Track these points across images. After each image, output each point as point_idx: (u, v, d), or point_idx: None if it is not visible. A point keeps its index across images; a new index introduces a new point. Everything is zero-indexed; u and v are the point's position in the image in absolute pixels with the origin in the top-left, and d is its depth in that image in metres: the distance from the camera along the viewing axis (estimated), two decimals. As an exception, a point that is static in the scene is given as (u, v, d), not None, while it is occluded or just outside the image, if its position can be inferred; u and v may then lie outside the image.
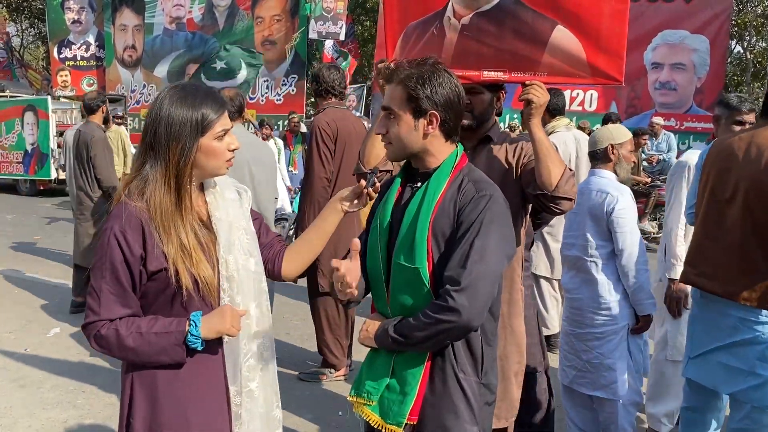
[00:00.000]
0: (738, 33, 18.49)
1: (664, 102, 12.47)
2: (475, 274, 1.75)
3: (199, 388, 1.78)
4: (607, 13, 2.44)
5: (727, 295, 2.73)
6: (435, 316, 1.76)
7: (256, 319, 1.84)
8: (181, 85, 1.80)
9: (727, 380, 2.82)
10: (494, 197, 1.84)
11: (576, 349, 3.21)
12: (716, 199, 2.80)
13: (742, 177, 2.68)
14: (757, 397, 2.73)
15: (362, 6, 22.58)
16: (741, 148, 2.72)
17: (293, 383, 4.41)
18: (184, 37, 16.21)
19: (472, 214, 1.81)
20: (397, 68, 1.93)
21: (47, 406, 4.00)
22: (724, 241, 2.75)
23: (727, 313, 2.78)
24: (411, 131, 1.89)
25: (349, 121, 4.41)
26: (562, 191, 2.38)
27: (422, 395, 1.87)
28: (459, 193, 1.87)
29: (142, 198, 1.72)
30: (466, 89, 2.46)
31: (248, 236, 1.88)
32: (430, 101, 1.88)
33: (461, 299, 1.73)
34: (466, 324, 1.76)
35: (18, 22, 27.09)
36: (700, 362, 2.92)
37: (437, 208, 1.85)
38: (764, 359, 2.71)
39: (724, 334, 2.80)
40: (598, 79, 2.53)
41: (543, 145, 2.40)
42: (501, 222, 1.84)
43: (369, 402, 1.92)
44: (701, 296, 2.93)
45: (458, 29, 2.60)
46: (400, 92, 1.89)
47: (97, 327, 1.72)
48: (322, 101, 4.46)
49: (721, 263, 2.76)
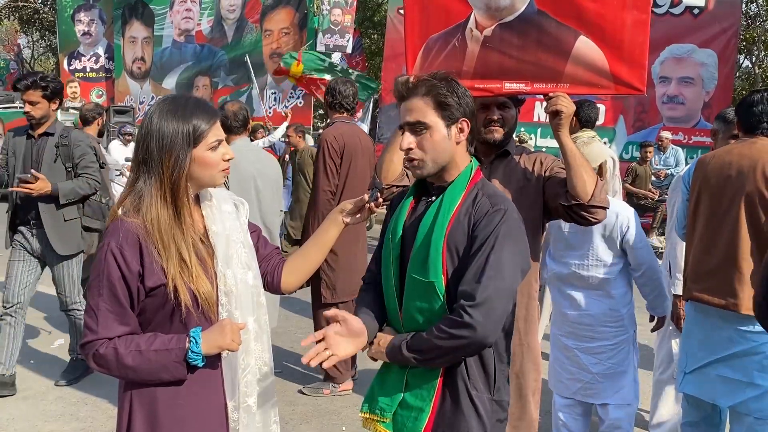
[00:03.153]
0: (746, 47, 18.43)
1: (672, 116, 12.41)
2: (490, 290, 1.74)
3: (199, 405, 1.76)
4: (629, 24, 2.46)
5: (730, 306, 2.75)
6: (449, 331, 1.75)
7: (255, 333, 1.83)
8: (170, 97, 1.79)
9: (727, 393, 2.82)
10: (509, 212, 1.83)
11: (582, 364, 3.17)
12: (712, 213, 2.85)
13: (738, 189, 2.76)
14: (757, 408, 2.74)
15: (370, 19, 22.68)
16: (733, 162, 2.81)
17: (296, 397, 4.38)
18: (192, 50, 16.29)
19: (487, 228, 1.80)
20: (418, 83, 1.91)
21: (50, 418, 3.99)
22: (723, 254, 2.80)
23: (722, 326, 2.82)
24: (444, 140, 1.88)
25: (357, 136, 4.44)
26: (598, 200, 2.39)
27: (435, 412, 1.85)
28: (474, 206, 1.85)
29: (138, 214, 1.70)
30: (499, 104, 2.53)
31: (246, 249, 1.86)
32: (460, 108, 1.89)
33: (476, 315, 1.72)
34: (481, 340, 1.75)
35: (29, 34, 27.34)
36: (697, 377, 2.94)
37: (452, 222, 1.84)
38: (763, 369, 2.73)
39: (720, 347, 2.83)
40: (620, 89, 2.53)
41: (575, 155, 2.40)
42: (516, 237, 1.83)
43: (383, 419, 1.91)
44: (695, 310, 2.96)
45: (480, 41, 2.60)
46: (430, 103, 1.87)
47: (95, 346, 1.69)
48: (333, 114, 4.51)
49: (721, 277, 2.79)
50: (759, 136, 2.82)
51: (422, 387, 1.86)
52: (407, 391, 1.89)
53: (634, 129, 12.62)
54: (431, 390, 1.85)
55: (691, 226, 3.00)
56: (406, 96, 1.92)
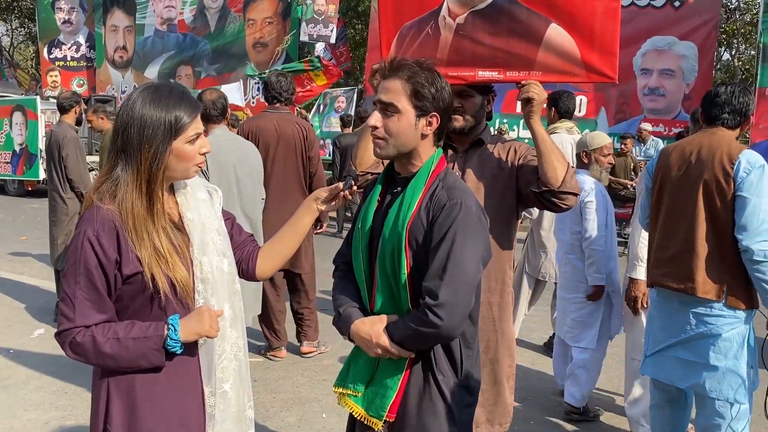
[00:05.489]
0: (726, 40, 18.61)
1: (653, 108, 12.50)
2: (452, 287, 1.78)
3: (177, 392, 1.77)
4: (600, 11, 2.46)
5: (688, 290, 2.85)
6: (415, 327, 1.82)
7: (230, 320, 1.83)
8: (154, 85, 1.75)
9: (684, 375, 2.93)
10: (466, 204, 1.85)
11: (565, 310, 4.15)
12: (674, 201, 2.95)
13: (697, 175, 2.85)
14: (716, 389, 2.83)
15: (354, 9, 22.58)
16: (693, 151, 2.92)
17: (277, 385, 4.41)
18: (175, 39, 16.13)
19: (445, 222, 1.83)
20: (402, 63, 1.91)
21: (29, 407, 3.99)
22: (682, 240, 2.89)
23: (680, 310, 2.92)
24: (411, 128, 1.89)
25: (274, 124, 4.75)
26: (569, 186, 2.41)
27: (401, 394, 1.92)
28: (432, 200, 1.88)
29: (113, 201, 1.68)
30: (457, 92, 2.46)
31: (221, 236, 1.85)
32: (435, 102, 1.89)
33: (441, 313, 1.78)
34: (446, 336, 1.84)
35: (8, 21, 26.94)
36: (657, 359, 3.04)
37: (413, 217, 1.87)
38: (719, 351, 2.82)
39: (678, 330, 2.93)
40: (592, 77, 2.53)
41: (546, 142, 2.41)
42: (474, 228, 1.85)
43: (355, 393, 1.97)
44: (657, 295, 3.06)
45: (453, 28, 2.60)
46: (407, 88, 1.87)
47: (72, 334, 1.66)
48: (269, 107, 4.91)
49: (679, 262, 2.89)
50: (719, 126, 2.92)
51: (392, 367, 1.92)
52: (378, 370, 1.96)
53: (615, 120, 12.72)
54: (400, 371, 1.91)
55: (654, 216, 3.10)
56: (388, 75, 1.93)
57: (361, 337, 1.92)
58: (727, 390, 2.81)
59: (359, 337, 1.93)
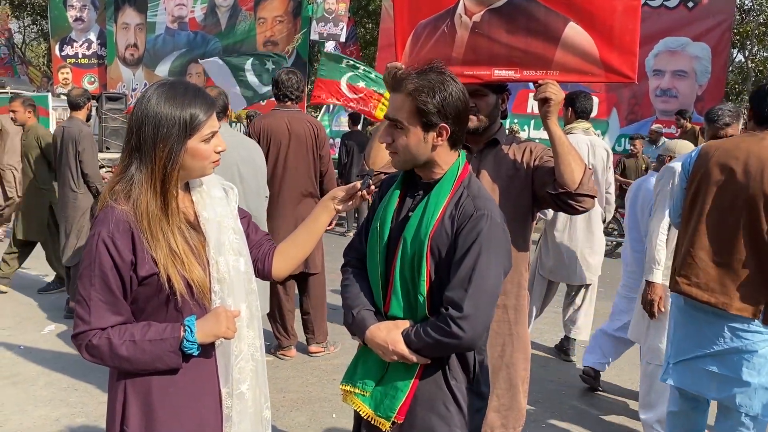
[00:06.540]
0: (740, 42, 18.48)
1: (665, 109, 12.41)
2: (476, 299, 1.78)
3: (194, 393, 1.75)
4: (619, 10, 2.42)
5: (721, 305, 2.72)
6: (437, 338, 1.81)
7: (247, 320, 1.81)
8: (169, 82, 1.73)
9: (714, 387, 2.84)
10: (492, 215, 1.84)
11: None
12: (712, 208, 2.78)
13: (742, 189, 2.66)
14: (746, 404, 2.75)
15: (365, 8, 22.55)
16: (739, 158, 2.69)
17: (287, 384, 4.40)
18: (186, 37, 16.15)
19: (471, 234, 1.81)
20: (404, 78, 1.87)
21: (39, 403, 3.99)
22: (719, 253, 2.74)
23: (714, 322, 2.79)
24: (420, 144, 1.87)
25: (284, 123, 4.69)
26: (586, 188, 2.37)
27: (411, 397, 1.90)
28: (458, 209, 1.85)
29: (128, 201, 1.66)
30: (471, 92, 2.39)
31: (237, 235, 1.83)
32: (440, 114, 1.84)
33: (465, 325, 1.77)
34: (467, 347, 1.85)
35: (20, 18, 27.08)
36: (683, 369, 2.94)
37: (437, 224, 1.85)
38: (752, 367, 2.73)
39: (710, 343, 2.81)
40: (611, 77, 2.48)
41: (563, 143, 2.37)
42: (499, 240, 1.85)
43: (363, 392, 1.95)
44: (685, 303, 2.92)
45: (469, 27, 2.57)
46: (409, 105, 1.84)
47: (88, 337, 1.65)
48: (280, 105, 4.83)
49: (715, 274, 2.76)
50: None
51: (402, 370, 1.90)
52: (389, 370, 1.93)
53: (627, 121, 12.64)
54: (411, 374, 1.89)
55: (686, 217, 2.91)
56: (393, 88, 1.91)
57: (377, 344, 1.89)
58: (757, 406, 2.74)
59: (375, 343, 1.90)
